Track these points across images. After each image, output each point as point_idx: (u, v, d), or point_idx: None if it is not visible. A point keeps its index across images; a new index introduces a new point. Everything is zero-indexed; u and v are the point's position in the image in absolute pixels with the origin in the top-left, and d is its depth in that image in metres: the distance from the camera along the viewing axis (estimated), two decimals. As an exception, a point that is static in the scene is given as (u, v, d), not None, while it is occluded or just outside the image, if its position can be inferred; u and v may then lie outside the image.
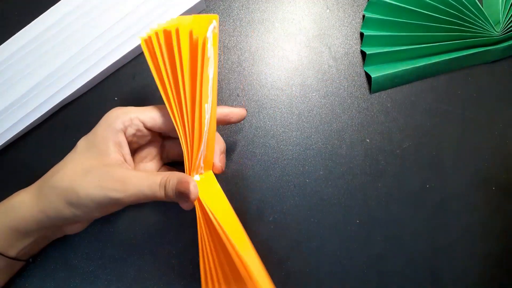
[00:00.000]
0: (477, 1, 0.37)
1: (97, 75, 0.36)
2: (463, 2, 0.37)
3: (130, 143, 0.29)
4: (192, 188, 0.26)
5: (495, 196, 0.36)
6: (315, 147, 0.36)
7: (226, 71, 0.37)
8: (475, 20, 0.37)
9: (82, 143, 0.29)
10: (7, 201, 0.29)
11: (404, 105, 0.37)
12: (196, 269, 0.34)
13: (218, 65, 0.37)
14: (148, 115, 0.29)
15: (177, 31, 0.26)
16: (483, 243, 0.35)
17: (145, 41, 0.28)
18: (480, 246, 0.35)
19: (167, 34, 0.26)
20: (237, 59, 0.38)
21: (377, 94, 0.37)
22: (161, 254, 0.34)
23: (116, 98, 0.37)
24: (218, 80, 0.37)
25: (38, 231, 0.28)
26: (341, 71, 0.37)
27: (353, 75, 0.37)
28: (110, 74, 0.37)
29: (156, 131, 0.30)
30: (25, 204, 0.28)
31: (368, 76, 0.37)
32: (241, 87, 0.37)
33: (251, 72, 0.37)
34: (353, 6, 0.39)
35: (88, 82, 0.36)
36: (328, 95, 0.37)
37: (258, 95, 0.37)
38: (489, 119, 0.37)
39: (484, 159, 0.36)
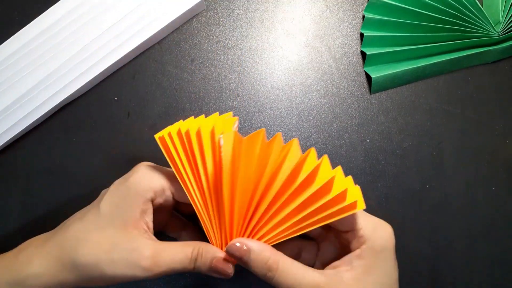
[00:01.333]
0: (477, 1, 0.37)
1: (97, 75, 0.36)
2: (463, 2, 0.37)
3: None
4: (230, 269, 0.25)
5: (495, 196, 0.36)
6: (315, 147, 0.36)
7: (226, 71, 0.37)
8: (475, 20, 0.37)
9: (106, 204, 0.26)
10: (19, 268, 0.25)
11: (404, 105, 0.37)
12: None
13: (218, 65, 0.37)
14: (179, 186, 0.27)
15: (198, 133, 0.26)
16: (483, 243, 0.35)
17: (160, 138, 0.27)
18: (480, 246, 0.35)
19: (187, 136, 0.26)
20: (237, 59, 0.38)
21: (377, 94, 0.37)
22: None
23: (116, 98, 0.37)
24: (218, 80, 0.37)
25: None
26: (341, 71, 0.37)
27: (353, 75, 0.37)
28: (110, 74, 0.37)
29: (181, 201, 0.28)
30: (43, 278, 0.25)
31: (368, 77, 0.37)
32: (241, 87, 0.37)
33: (251, 72, 0.37)
34: (353, 6, 0.39)
35: (88, 82, 0.36)
36: (328, 95, 0.37)
37: (258, 95, 0.37)
38: (489, 119, 0.37)
39: (484, 159, 0.36)
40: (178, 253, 0.25)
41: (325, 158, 0.26)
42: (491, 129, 0.37)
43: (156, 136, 0.27)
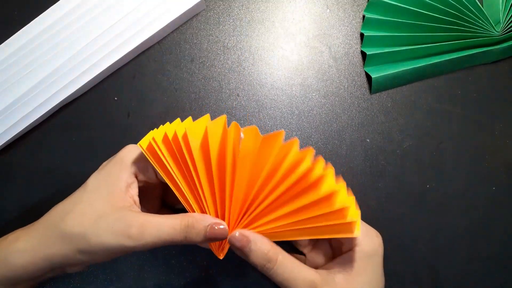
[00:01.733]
0: (477, 1, 0.37)
1: (97, 75, 0.36)
2: (463, 2, 0.37)
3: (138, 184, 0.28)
4: (226, 230, 0.25)
5: (495, 196, 0.36)
6: (315, 147, 0.36)
7: (226, 71, 0.37)
8: (475, 20, 0.37)
9: (92, 180, 0.27)
10: (4, 247, 0.26)
11: (404, 105, 0.37)
12: (196, 269, 0.34)
13: (218, 64, 0.37)
14: None
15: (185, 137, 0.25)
16: (483, 243, 0.35)
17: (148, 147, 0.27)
18: (480, 246, 0.35)
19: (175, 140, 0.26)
20: (237, 59, 0.38)
21: (377, 94, 0.37)
22: (161, 254, 0.34)
23: (116, 98, 0.37)
24: (218, 80, 0.37)
25: (37, 278, 0.26)
26: (341, 71, 0.37)
27: (353, 75, 0.37)
28: (110, 74, 0.37)
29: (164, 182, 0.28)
30: (26, 253, 0.25)
31: (368, 77, 0.37)
32: (241, 87, 0.37)
33: (251, 72, 0.37)
34: (353, 6, 0.39)
35: (88, 82, 0.36)
36: (328, 95, 0.37)
37: (258, 95, 0.37)
38: (489, 119, 0.37)
39: (484, 159, 0.36)
40: (165, 223, 0.25)
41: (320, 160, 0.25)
42: (491, 129, 0.37)
43: (141, 143, 0.27)
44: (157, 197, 0.31)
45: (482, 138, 0.37)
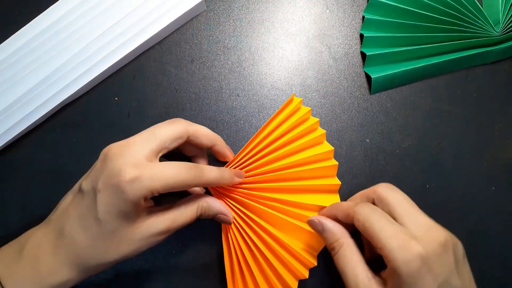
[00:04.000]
0: (476, 2, 0.37)
1: (98, 75, 0.36)
2: (463, 2, 0.37)
3: None
4: (230, 219, 0.31)
5: (495, 196, 0.36)
6: (315, 147, 0.36)
7: (226, 71, 0.37)
8: (474, 20, 0.37)
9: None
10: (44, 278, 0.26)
11: (404, 105, 0.37)
12: (196, 269, 0.34)
13: (218, 65, 0.38)
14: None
15: None
16: (483, 243, 0.35)
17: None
18: (480, 246, 0.35)
19: None
20: (237, 59, 0.38)
21: (377, 94, 0.37)
22: (161, 254, 0.34)
23: (116, 98, 0.37)
24: (218, 80, 0.37)
25: None
26: (341, 71, 0.38)
27: (353, 75, 0.38)
28: (111, 74, 0.37)
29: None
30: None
31: (368, 77, 0.37)
32: (241, 87, 0.37)
33: (251, 72, 0.37)
34: (353, 6, 0.39)
35: (88, 82, 0.36)
36: (328, 95, 0.37)
37: (258, 95, 0.37)
38: (489, 119, 0.37)
39: (484, 159, 0.36)
40: (186, 212, 0.28)
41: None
42: (491, 129, 0.37)
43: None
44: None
45: (482, 138, 0.37)
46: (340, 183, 0.32)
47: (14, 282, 0.25)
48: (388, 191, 0.29)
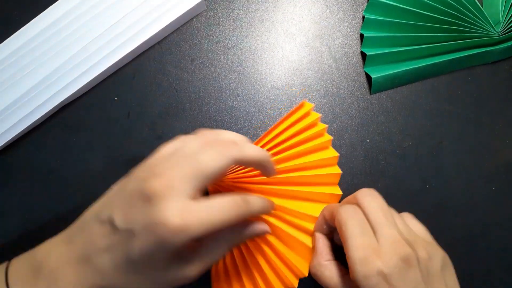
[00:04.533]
0: (476, 1, 0.37)
1: (97, 75, 0.36)
2: (463, 2, 0.37)
3: None
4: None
5: (495, 196, 0.36)
6: (315, 147, 0.36)
7: (226, 71, 0.37)
8: (475, 20, 0.37)
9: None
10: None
11: (404, 105, 0.37)
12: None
13: (218, 65, 0.37)
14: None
15: None
16: (483, 243, 0.35)
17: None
18: (481, 246, 0.35)
19: None
20: (237, 59, 0.38)
21: (377, 94, 0.37)
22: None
23: (116, 98, 0.37)
24: (218, 80, 0.37)
25: None
26: (341, 71, 0.37)
27: (353, 75, 0.37)
28: (110, 74, 0.37)
29: None
30: None
31: (368, 77, 0.37)
32: (241, 87, 0.37)
33: (251, 72, 0.37)
34: (353, 6, 0.39)
35: (88, 82, 0.36)
36: (328, 95, 0.37)
37: (258, 95, 0.37)
38: (489, 119, 0.37)
39: (484, 159, 0.36)
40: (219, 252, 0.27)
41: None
42: (491, 129, 0.37)
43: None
44: None
45: (482, 138, 0.37)
46: (341, 193, 0.32)
47: None
48: (365, 198, 0.28)
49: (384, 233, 0.26)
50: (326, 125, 0.33)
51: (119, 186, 0.25)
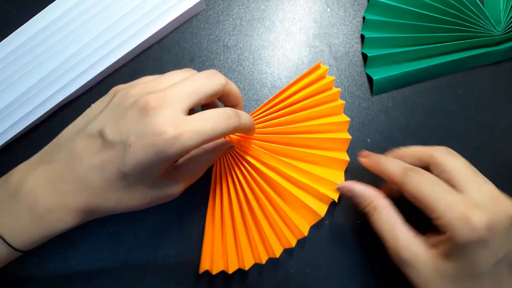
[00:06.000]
0: (477, 1, 0.37)
1: (97, 74, 0.36)
2: (464, 2, 0.37)
3: None
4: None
5: (496, 196, 0.36)
6: (316, 147, 0.36)
7: (226, 71, 0.37)
8: (476, 19, 0.37)
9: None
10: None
11: (405, 105, 0.37)
12: (196, 269, 0.34)
13: (218, 64, 0.37)
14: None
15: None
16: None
17: None
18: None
19: None
20: (237, 58, 0.37)
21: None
22: (161, 254, 0.34)
23: (115, 98, 0.37)
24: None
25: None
26: (342, 70, 0.37)
27: (354, 74, 0.37)
28: (110, 73, 0.37)
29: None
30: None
31: (369, 78, 0.37)
32: (241, 86, 0.37)
33: (251, 72, 0.37)
34: (354, 5, 0.38)
35: (87, 81, 0.35)
36: (328, 94, 0.37)
37: (258, 95, 0.37)
38: (491, 119, 0.37)
39: (485, 159, 0.36)
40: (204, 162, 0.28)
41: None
42: (493, 129, 0.37)
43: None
44: None
45: (483, 139, 0.37)
46: (349, 159, 0.34)
47: (9, 229, 0.24)
48: (447, 157, 0.26)
49: (478, 188, 0.24)
50: (339, 89, 0.34)
51: (105, 104, 0.26)
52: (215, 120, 0.24)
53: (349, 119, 0.34)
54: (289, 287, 0.33)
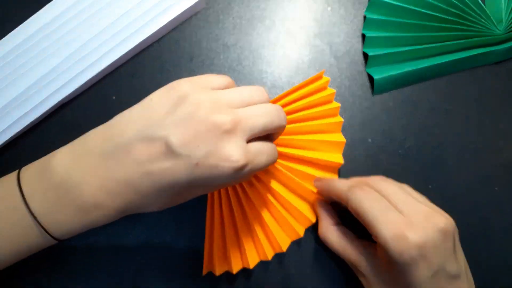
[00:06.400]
0: (479, 0, 0.37)
1: (96, 74, 0.35)
2: (465, 1, 0.37)
3: None
4: None
5: (497, 196, 0.36)
6: (316, 146, 0.36)
7: (226, 70, 0.37)
8: (477, 19, 0.37)
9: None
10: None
11: (406, 104, 0.37)
12: (196, 269, 0.34)
13: (218, 63, 0.37)
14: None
15: None
16: (485, 243, 0.35)
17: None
18: (483, 246, 0.35)
19: None
20: (237, 58, 0.37)
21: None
22: (161, 254, 0.34)
23: (114, 97, 0.36)
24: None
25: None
26: (343, 69, 0.37)
27: (355, 74, 0.37)
28: (109, 73, 0.37)
29: None
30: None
31: (370, 77, 0.37)
32: (241, 86, 0.37)
33: (252, 71, 0.37)
34: (355, 4, 0.38)
35: (86, 81, 0.35)
36: (329, 94, 0.37)
37: (258, 94, 0.37)
38: (492, 119, 0.37)
39: (486, 159, 0.36)
40: None
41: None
42: (494, 129, 0.37)
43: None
44: None
45: (485, 138, 0.37)
46: (342, 162, 0.33)
47: (53, 220, 0.24)
48: (382, 183, 0.28)
49: (412, 208, 0.26)
50: (339, 104, 0.34)
51: (169, 103, 0.24)
52: (269, 154, 0.25)
53: (342, 119, 0.34)
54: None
